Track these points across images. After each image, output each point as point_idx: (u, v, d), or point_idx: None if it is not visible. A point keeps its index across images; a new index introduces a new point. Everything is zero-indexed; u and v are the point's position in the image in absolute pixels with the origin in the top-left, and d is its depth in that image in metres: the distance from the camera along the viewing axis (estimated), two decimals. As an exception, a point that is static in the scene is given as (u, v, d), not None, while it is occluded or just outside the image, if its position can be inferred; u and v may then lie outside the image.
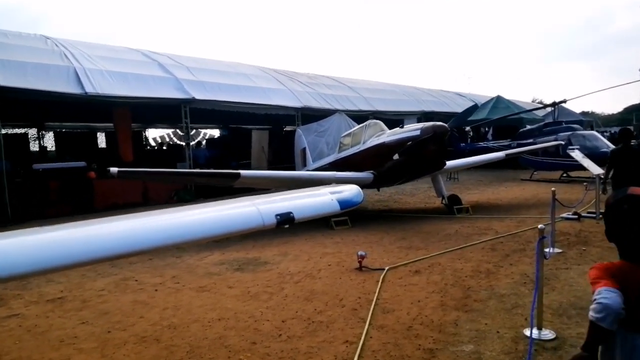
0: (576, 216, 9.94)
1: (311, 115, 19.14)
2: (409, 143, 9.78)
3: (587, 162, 10.16)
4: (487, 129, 31.76)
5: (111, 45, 18.18)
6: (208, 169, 17.51)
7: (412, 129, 10.05)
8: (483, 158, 12.65)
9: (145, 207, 14.54)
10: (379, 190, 13.48)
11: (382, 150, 10.50)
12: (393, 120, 26.35)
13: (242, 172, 9.63)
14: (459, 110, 31.16)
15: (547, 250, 7.20)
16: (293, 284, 6.04)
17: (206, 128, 30.20)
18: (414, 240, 8.43)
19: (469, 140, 27.68)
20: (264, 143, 19.71)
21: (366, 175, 10.82)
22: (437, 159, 9.77)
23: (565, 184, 17.36)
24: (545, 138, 19.55)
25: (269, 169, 19.52)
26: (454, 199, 11.60)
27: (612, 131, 37.15)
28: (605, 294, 1.83)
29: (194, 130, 30.14)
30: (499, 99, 28.54)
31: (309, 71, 25.29)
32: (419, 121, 28.47)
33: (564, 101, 20.01)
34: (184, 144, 30.39)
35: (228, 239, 9.34)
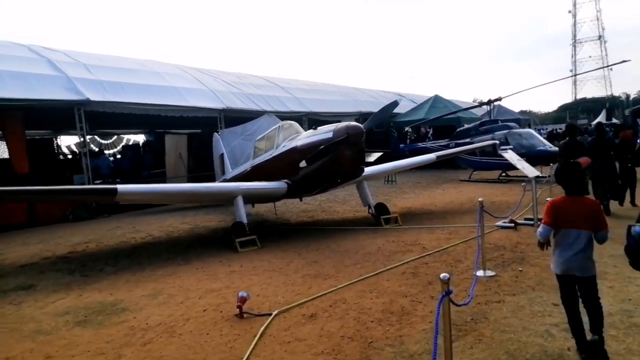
0: (512, 224, 8.85)
1: (238, 118, 17.40)
2: (321, 147, 8.36)
3: (521, 164, 9.10)
4: (428, 129, 31.23)
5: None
6: (112, 180, 15.45)
7: (324, 130, 8.63)
8: (412, 161, 11.47)
9: (31, 229, 12.36)
10: (301, 200, 12.00)
11: (295, 156, 9.03)
12: (329, 122, 25.18)
13: (121, 187, 7.84)
14: (399, 110, 30.40)
15: (478, 273, 5.96)
16: (138, 347, 4.39)
17: (130, 133, 27.71)
18: (326, 265, 6.97)
19: (408, 141, 26.92)
20: (182, 149, 17.73)
21: (279, 185, 9.30)
22: (352, 164, 8.40)
23: (503, 185, 16.62)
24: (482, 137, 18.84)
25: (188, 179, 17.66)
26: (382, 208, 10.30)
27: (555, 129, 37.77)
28: (539, 231, 3.94)
29: (114, 137, 27.63)
30: (436, 99, 27.93)
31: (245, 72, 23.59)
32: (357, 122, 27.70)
33: (499, 99, 19.39)
34: (108, 151, 28.28)
35: (106, 263, 7.56)
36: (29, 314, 5.64)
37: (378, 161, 17.12)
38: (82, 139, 14.01)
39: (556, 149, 18.04)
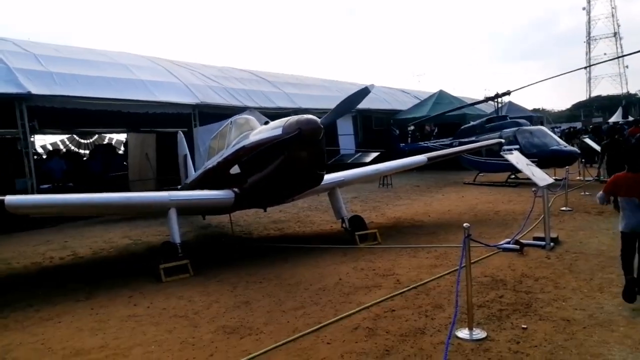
0: (518, 247, 6.90)
1: (215, 115, 15.58)
2: (268, 147, 6.51)
3: (530, 170, 7.07)
4: (434, 127, 29.19)
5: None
6: (62, 185, 13.72)
7: (274, 126, 6.74)
8: (396, 164, 9.51)
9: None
10: (265, 211, 10.16)
11: (243, 158, 7.17)
12: (321, 119, 23.21)
13: (10, 198, 6.05)
14: (401, 107, 28.40)
15: (460, 334, 4.05)
16: None
17: (113, 132, 25.92)
18: (258, 310, 5.09)
19: (409, 139, 24.92)
20: (149, 149, 15.92)
21: (224, 194, 7.43)
22: (307, 168, 6.49)
23: (511, 189, 14.58)
24: (488, 135, 16.83)
25: (156, 181, 15.88)
26: (358, 223, 8.40)
27: (570, 128, 35.44)
28: (598, 195, 5.03)
29: (95, 136, 26.00)
30: (441, 94, 25.92)
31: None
32: (354, 120, 25.77)
33: (508, 93, 17.32)
34: (85, 151, 26.62)
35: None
36: None
37: (376, 162, 15.14)
38: (22, 138, 12.16)
39: (572, 148, 16.05)
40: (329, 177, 8.64)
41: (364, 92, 6.94)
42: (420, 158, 9.62)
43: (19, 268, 7.82)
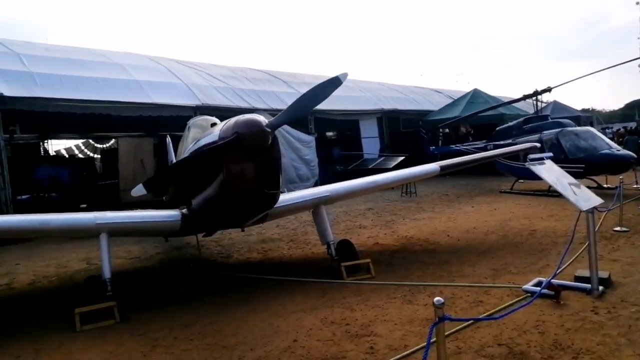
0: (552, 293, 4.99)
1: (219, 117, 14.20)
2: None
3: (567, 191, 5.00)
4: (470, 128, 26.91)
5: None
6: (45, 195, 12.65)
7: (216, 129, 5.15)
8: (401, 175, 7.69)
9: None
10: (243, 230, 8.57)
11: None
12: (340, 121, 21.58)
13: None
14: (433, 108, 26.28)
15: None
16: None
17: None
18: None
19: (440, 142, 22.81)
20: (145, 155, 14.67)
21: (169, 216, 5.94)
22: (249, 185, 4.80)
23: (554, 200, 12.32)
24: (526, 137, 14.68)
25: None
26: (346, 250, 6.67)
27: (619, 129, 32.24)
28: None
29: (112, 140, 25.31)
30: (475, 93, 23.64)
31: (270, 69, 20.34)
32: (379, 122, 23.90)
33: (549, 89, 15.08)
34: (96, 155, 25.87)
35: None
36: None
37: (401, 167, 13.12)
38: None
39: (626, 152, 13.65)
40: (312, 192, 7.05)
41: (333, 82, 5.27)
42: (431, 167, 7.77)
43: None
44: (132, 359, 4.23)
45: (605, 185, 13.57)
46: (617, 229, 8.15)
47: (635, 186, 13.04)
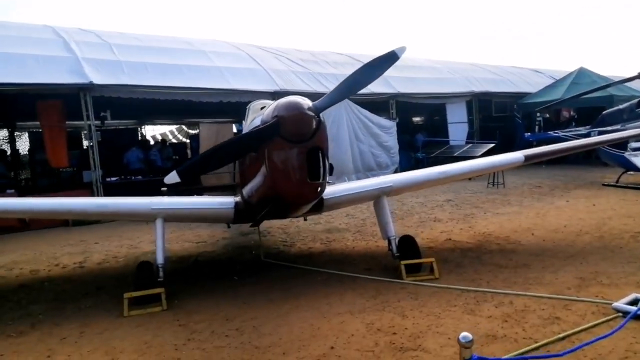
0: (650, 315, 4.08)
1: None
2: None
3: None
4: (573, 112, 24.33)
5: None
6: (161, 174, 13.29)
7: (263, 114, 4.82)
8: (476, 165, 6.83)
9: (26, 233, 10.65)
10: (305, 220, 8.24)
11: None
12: (425, 105, 20.42)
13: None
14: (531, 90, 24.04)
15: None
16: None
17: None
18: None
19: (537, 128, 20.79)
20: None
21: (222, 204, 5.82)
22: (291, 176, 4.34)
23: (668, 198, 10.63)
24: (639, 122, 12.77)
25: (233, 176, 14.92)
26: (408, 247, 6.11)
27: None
28: None
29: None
30: (581, 72, 21.15)
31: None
32: (468, 105, 22.32)
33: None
34: (187, 141, 27.12)
35: None
36: None
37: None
38: (87, 129, 11.87)
39: None
40: (373, 182, 6.55)
41: (390, 57, 4.74)
42: (515, 156, 6.83)
43: (11, 278, 7.07)
44: (163, 352, 4.13)
45: None
46: None
47: None
